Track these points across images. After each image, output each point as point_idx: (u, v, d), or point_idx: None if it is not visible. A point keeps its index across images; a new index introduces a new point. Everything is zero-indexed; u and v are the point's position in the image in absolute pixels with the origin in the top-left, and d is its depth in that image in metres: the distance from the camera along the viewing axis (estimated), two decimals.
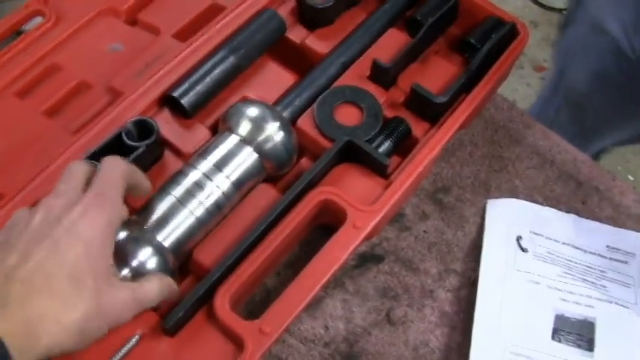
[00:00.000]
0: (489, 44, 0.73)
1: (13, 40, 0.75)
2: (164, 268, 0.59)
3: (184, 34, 0.75)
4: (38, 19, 0.78)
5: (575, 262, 0.74)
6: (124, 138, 0.64)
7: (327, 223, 0.67)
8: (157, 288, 0.56)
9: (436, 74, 0.75)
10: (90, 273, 0.51)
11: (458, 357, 0.69)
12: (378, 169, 0.68)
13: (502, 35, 0.75)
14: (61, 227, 0.51)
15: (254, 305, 0.69)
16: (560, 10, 2.16)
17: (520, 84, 1.94)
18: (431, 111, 0.72)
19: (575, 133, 1.19)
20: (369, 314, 0.71)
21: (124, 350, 0.56)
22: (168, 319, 0.57)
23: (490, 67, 0.73)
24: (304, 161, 0.71)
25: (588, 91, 1.15)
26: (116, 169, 0.56)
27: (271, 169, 0.68)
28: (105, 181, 0.55)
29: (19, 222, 0.53)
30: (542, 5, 2.25)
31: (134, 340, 0.57)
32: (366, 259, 0.74)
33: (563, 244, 0.75)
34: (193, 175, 0.63)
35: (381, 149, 0.69)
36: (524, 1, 2.30)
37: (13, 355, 0.45)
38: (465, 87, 0.72)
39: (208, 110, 0.71)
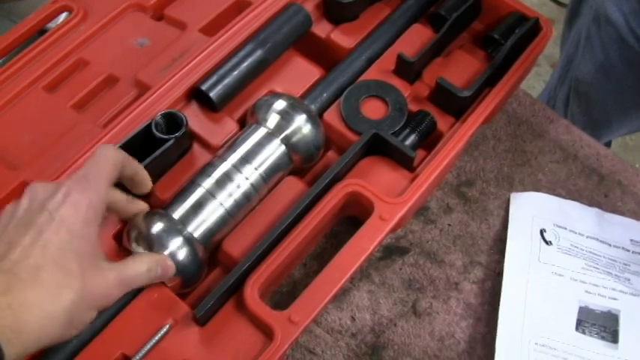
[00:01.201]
0: (513, 39, 0.74)
1: (37, 39, 0.76)
2: (194, 258, 0.60)
3: (211, 29, 0.76)
4: (61, 17, 0.79)
5: (599, 255, 0.74)
6: (154, 130, 0.65)
7: (352, 215, 0.68)
8: (144, 266, 0.56)
9: (460, 69, 0.76)
10: (74, 257, 0.50)
11: (483, 348, 0.69)
12: (405, 162, 0.68)
13: (525, 30, 0.75)
14: (45, 213, 0.51)
15: (281, 296, 0.70)
16: None
17: (537, 81, 1.94)
18: (455, 105, 0.72)
19: (585, 125, 1.19)
20: (394, 305, 0.71)
21: (155, 339, 0.57)
22: (199, 308, 0.58)
23: (513, 62, 0.74)
24: (331, 154, 0.71)
25: (594, 82, 1.15)
26: (106, 154, 0.56)
27: (298, 162, 0.68)
28: (91, 166, 0.55)
29: (5, 213, 0.53)
30: (558, 2, 2.25)
31: (165, 328, 0.58)
32: (391, 251, 0.74)
33: (587, 237, 0.75)
34: (222, 167, 0.64)
35: (407, 142, 0.69)
36: None
37: (2, 346, 0.44)
38: (489, 81, 0.73)
39: (236, 103, 0.72)
